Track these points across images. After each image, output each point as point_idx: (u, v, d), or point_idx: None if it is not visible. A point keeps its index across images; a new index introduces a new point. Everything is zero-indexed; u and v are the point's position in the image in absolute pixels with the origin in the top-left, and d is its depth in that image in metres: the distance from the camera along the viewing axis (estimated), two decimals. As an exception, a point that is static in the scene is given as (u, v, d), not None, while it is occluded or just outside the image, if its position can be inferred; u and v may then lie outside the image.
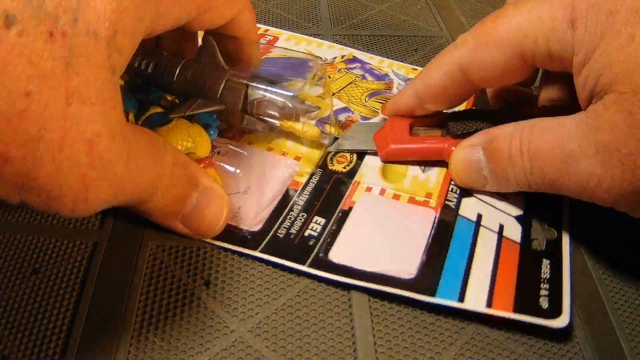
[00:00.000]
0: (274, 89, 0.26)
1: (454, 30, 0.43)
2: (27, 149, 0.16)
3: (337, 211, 0.26)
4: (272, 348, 0.21)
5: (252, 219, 0.26)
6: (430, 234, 0.25)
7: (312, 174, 0.28)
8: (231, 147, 0.29)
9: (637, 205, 0.22)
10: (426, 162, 0.29)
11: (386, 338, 0.22)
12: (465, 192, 0.28)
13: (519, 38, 0.24)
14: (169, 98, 0.28)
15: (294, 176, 0.28)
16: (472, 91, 0.27)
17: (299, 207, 0.26)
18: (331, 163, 0.29)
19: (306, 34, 0.41)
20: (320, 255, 0.24)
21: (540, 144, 0.23)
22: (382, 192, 0.28)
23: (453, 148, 0.27)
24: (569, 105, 0.26)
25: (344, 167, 0.29)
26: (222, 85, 0.26)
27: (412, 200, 0.27)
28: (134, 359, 0.21)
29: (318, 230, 0.25)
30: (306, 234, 0.25)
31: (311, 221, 0.26)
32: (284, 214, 0.26)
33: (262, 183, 0.27)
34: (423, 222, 0.26)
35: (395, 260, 0.24)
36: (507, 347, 0.22)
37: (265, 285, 0.24)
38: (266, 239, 0.25)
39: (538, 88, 0.30)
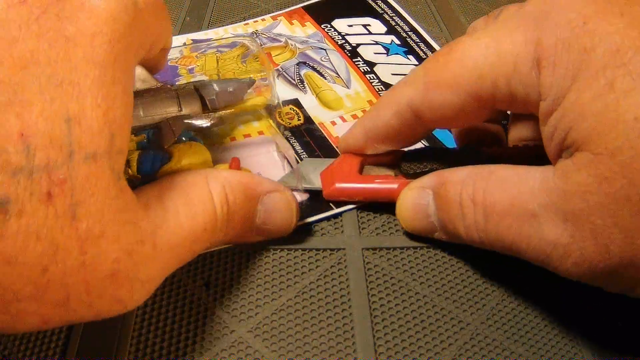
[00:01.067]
0: (221, 81, 0.27)
1: (454, 30, 0.43)
2: (60, 309, 0.16)
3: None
4: (272, 348, 0.21)
5: None
6: None
7: (286, 137, 0.30)
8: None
9: (611, 282, 0.19)
10: (376, 204, 0.27)
11: (386, 338, 0.22)
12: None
13: (474, 78, 0.20)
14: (135, 138, 0.25)
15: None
16: (426, 132, 0.25)
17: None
18: (288, 123, 0.30)
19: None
20: None
21: (496, 197, 0.20)
22: (344, 119, 0.30)
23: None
24: (540, 144, 0.24)
25: (299, 120, 0.30)
26: (177, 100, 0.26)
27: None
28: (134, 359, 0.21)
29: None
30: None
31: None
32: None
33: (264, 168, 0.28)
34: None
35: None
36: (507, 347, 0.22)
37: (265, 286, 0.24)
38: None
39: (508, 124, 0.28)
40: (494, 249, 0.21)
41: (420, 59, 0.37)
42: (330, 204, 0.27)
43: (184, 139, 0.26)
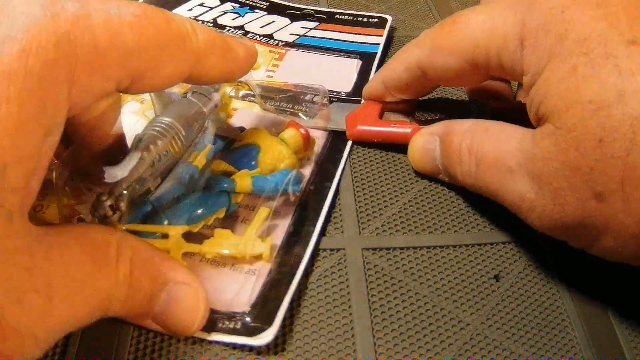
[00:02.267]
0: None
1: (454, 30, 0.43)
2: None
3: None
4: (272, 349, 0.21)
5: None
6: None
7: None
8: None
9: (570, 237, 0.22)
10: (392, 145, 0.30)
11: (386, 338, 0.22)
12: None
13: (471, 48, 0.23)
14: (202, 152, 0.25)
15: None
16: (433, 87, 0.29)
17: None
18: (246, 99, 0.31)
19: (306, 34, 0.41)
20: None
21: (486, 151, 0.23)
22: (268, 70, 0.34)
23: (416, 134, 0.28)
24: None
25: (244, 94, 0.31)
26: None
27: None
28: (134, 358, 0.21)
29: None
30: None
31: None
32: None
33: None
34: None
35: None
36: (507, 347, 0.22)
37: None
38: None
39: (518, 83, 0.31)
40: (482, 193, 0.25)
41: (254, 8, 0.41)
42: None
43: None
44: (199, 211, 0.23)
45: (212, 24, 0.39)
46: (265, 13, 0.41)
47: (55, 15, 0.16)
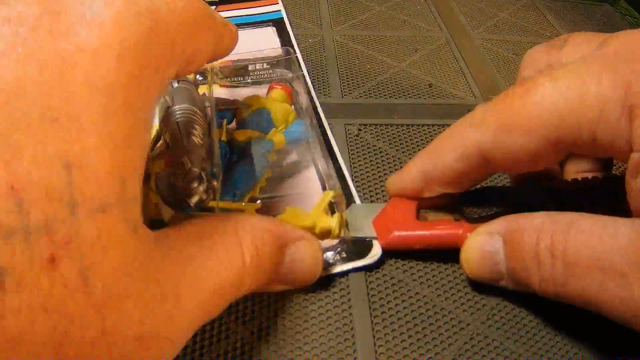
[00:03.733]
0: None
1: (454, 30, 0.43)
2: None
3: None
4: (272, 349, 0.21)
5: None
6: None
7: None
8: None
9: None
10: (436, 251, 0.25)
11: (386, 338, 0.22)
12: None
13: (555, 123, 0.19)
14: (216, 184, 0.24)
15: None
16: (491, 174, 0.24)
17: None
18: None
19: (306, 34, 0.41)
20: None
21: (580, 252, 0.19)
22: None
23: (469, 234, 0.23)
24: (602, 177, 0.23)
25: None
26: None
27: None
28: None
29: None
30: None
31: None
32: None
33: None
34: None
35: None
36: (507, 347, 0.22)
37: (265, 286, 0.24)
38: None
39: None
40: (571, 303, 0.20)
41: None
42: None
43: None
44: (252, 181, 0.25)
45: None
46: None
47: (138, 13, 0.15)
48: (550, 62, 0.24)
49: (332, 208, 0.25)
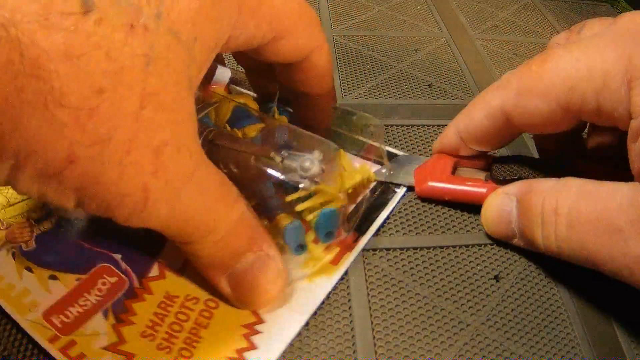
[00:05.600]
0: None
1: (454, 30, 0.43)
2: (94, 150, 0.15)
3: None
4: (272, 349, 0.21)
5: None
6: None
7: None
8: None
9: None
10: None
11: (386, 339, 0.22)
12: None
13: (565, 90, 0.21)
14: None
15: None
16: (515, 135, 0.26)
17: None
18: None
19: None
20: None
21: (581, 211, 0.21)
22: None
23: (491, 194, 0.26)
24: (621, 152, 0.24)
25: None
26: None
27: None
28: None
29: None
30: None
31: None
32: None
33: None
34: None
35: None
36: (507, 347, 0.22)
37: (265, 286, 0.24)
38: None
39: (587, 131, 0.29)
40: (571, 259, 0.22)
41: None
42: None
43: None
44: None
45: None
46: None
47: None
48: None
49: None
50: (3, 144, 0.14)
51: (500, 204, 0.25)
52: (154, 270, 0.23)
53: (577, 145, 0.28)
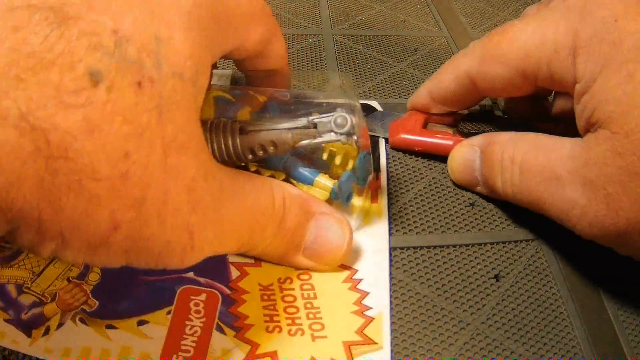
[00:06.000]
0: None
1: (454, 30, 0.43)
2: (133, 212, 0.16)
3: None
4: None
5: None
6: None
7: None
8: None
9: (619, 244, 0.22)
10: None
11: (386, 338, 0.22)
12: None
13: (521, 57, 0.24)
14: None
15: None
16: (480, 97, 0.28)
17: None
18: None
19: (306, 34, 0.41)
20: None
21: (531, 160, 0.23)
22: None
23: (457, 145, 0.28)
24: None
25: None
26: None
27: None
28: (134, 359, 0.21)
29: None
30: None
31: None
32: None
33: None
34: None
35: None
36: (507, 347, 0.22)
37: (265, 286, 0.24)
38: None
39: (552, 97, 0.31)
40: (523, 204, 0.24)
41: None
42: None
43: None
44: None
45: None
46: None
47: None
48: None
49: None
50: (46, 226, 0.15)
51: (466, 153, 0.27)
52: (234, 272, 0.23)
53: (542, 109, 0.31)
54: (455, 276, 0.24)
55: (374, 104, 0.34)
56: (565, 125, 0.28)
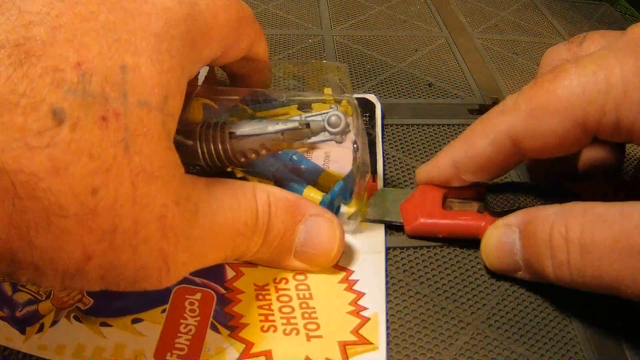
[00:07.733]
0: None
1: (454, 30, 0.43)
2: (105, 244, 0.16)
3: None
4: (272, 348, 0.21)
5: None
6: None
7: None
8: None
9: None
10: (458, 240, 0.25)
11: (387, 338, 0.22)
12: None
13: (583, 104, 0.20)
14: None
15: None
16: (520, 161, 0.24)
17: None
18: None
19: (306, 34, 0.41)
20: None
21: (596, 234, 0.19)
22: None
23: (489, 227, 0.24)
24: (615, 169, 0.24)
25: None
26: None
27: None
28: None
29: None
30: None
31: None
32: None
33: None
34: None
35: None
36: (507, 347, 0.22)
37: (265, 286, 0.24)
38: None
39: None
40: (587, 287, 0.20)
41: None
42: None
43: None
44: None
45: None
46: None
47: (180, 2, 0.18)
48: (570, 57, 0.24)
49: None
50: (19, 258, 0.15)
51: (502, 236, 0.23)
52: (230, 272, 0.23)
53: (568, 165, 0.27)
54: (455, 276, 0.24)
55: (371, 97, 0.33)
56: (600, 182, 0.24)
